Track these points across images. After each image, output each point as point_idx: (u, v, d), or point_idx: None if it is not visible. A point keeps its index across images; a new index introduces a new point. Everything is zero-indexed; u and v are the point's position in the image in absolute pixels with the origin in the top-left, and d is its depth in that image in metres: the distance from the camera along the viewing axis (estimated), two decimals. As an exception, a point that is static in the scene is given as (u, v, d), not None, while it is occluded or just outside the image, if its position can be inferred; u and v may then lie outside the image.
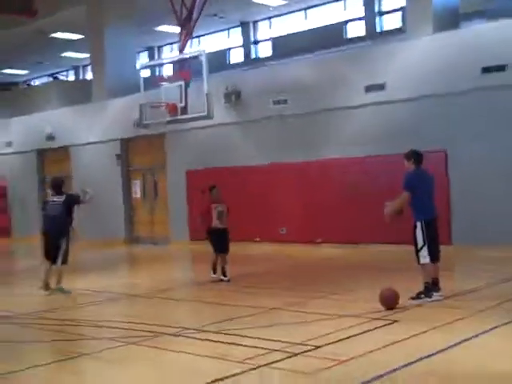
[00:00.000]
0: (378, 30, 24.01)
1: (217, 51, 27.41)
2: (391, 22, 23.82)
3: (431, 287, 9.17)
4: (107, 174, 22.12)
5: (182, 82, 13.94)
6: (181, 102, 13.97)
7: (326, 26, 25.13)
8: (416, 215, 9.24)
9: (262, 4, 24.76)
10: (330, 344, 6.95)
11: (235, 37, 28.18)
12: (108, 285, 12.23)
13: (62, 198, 11.09)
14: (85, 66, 33.06)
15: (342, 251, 15.63)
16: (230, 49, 28.36)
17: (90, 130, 22.40)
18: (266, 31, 27.52)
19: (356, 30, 24.72)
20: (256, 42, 27.65)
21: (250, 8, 25.47)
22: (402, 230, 14.57)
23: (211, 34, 27.99)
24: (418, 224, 9.20)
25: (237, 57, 28.23)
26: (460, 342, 6.75)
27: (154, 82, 17.11)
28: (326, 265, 14.20)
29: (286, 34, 26.52)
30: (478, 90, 14.00)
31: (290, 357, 6.54)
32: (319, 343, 6.97)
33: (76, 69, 34.32)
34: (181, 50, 15.29)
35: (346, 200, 16.19)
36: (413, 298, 9.06)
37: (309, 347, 6.83)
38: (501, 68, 13.66)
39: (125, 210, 21.89)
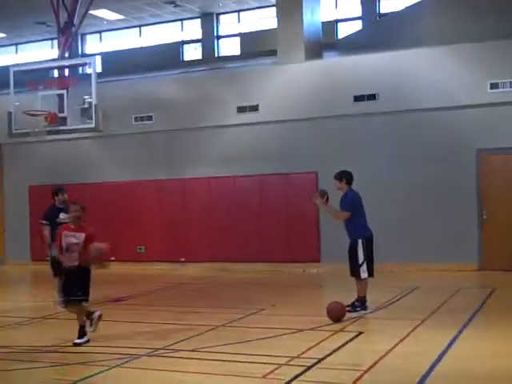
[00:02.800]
0: (216, 54, 24.46)
1: (41, 61, 25.83)
2: (229, 46, 24.45)
3: (364, 300, 9.66)
4: None
5: (64, 91, 13.07)
6: (61, 111, 13.08)
7: (162, 45, 25.02)
8: (357, 233, 9.61)
9: (97, 16, 24.00)
10: (329, 356, 7.02)
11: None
12: None
13: None
14: None
15: (212, 270, 15.61)
16: (54, 60, 26.87)
17: None
18: (96, 45, 26.67)
19: (193, 52, 24.96)
20: (84, 56, 26.60)
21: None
22: (264, 249, 15.36)
23: (34, 42, 26.47)
24: (359, 241, 9.56)
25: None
26: (448, 348, 7.22)
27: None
28: (212, 283, 14.15)
29: (117, 49, 25.88)
30: (350, 116, 14.97)
31: (306, 370, 6.49)
32: (317, 355, 7.01)
33: None
34: (61, 57, 14.30)
35: (210, 219, 16.25)
36: (349, 311, 9.42)
37: (312, 360, 6.84)
38: (372, 97, 14.76)
39: None
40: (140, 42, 25.74)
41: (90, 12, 23.21)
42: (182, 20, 24.99)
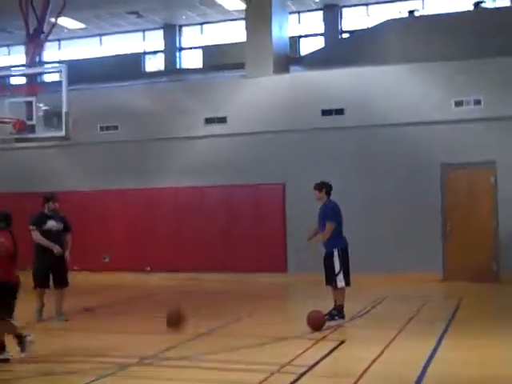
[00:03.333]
0: (178, 66, 24.50)
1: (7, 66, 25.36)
2: (191, 59, 24.53)
3: (342, 309, 9.81)
4: None
5: (34, 98, 12.90)
6: (30, 119, 12.88)
7: (123, 55, 24.91)
8: (333, 244, 9.76)
9: (57, 24, 23.74)
10: (318, 364, 7.14)
11: (19, 56, 26.47)
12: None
13: None
14: None
15: (178, 279, 15.55)
16: (11, 67, 26.46)
17: None
18: (55, 53, 26.36)
19: (154, 63, 24.93)
20: (41, 63, 26.21)
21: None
22: (231, 259, 15.43)
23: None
24: (335, 251, 9.72)
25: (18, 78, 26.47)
26: (432, 356, 7.43)
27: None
28: (181, 292, 14.09)
29: (77, 58, 25.64)
30: (318, 129, 15.21)
31: (300, 377, 6.60)
32: (307, 363, 7.11)
33: None
34: (30, 64, 14.10)
35: (177, 229, 16.23)
36: (328, 320, 9.56)
37: (303, 367, 6.93)
38: (339, 111, 15.06)
39: None
40: (100, 52, 25.56)
41: (51, 19, 23.10)
42: (144, 31, 24.97)
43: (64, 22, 23.71)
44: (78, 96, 17.27)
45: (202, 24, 24.31)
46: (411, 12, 16.97)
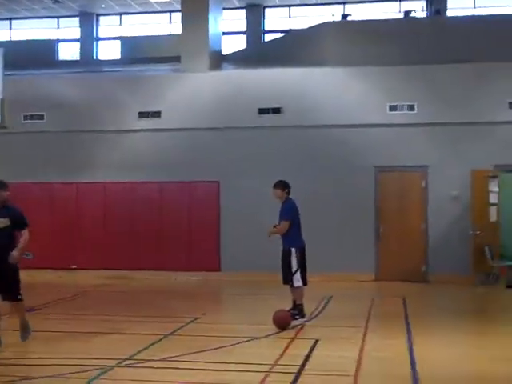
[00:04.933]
0: (95, 56, 23.68)
1: None
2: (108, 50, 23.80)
3: (302, 308, 9.81)
4: None
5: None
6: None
7: (35, 41, 23.75)
8: (291, 242, 9.68)
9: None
10: (306, 363, 7.10)
11: None
12: None
13: None
14: None
15: (107, 277, 15.03)
16: None
17: None
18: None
19: (70, 52, 23.97)
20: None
21: None
22: (162, 257, 15.15)
23: None
24: (293, 250, 9.66)
25: None
26: (410, 352, 7.58)
27: None
28: (120, 291, 13.70)
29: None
30: (254, 128, 15.17)
31: (297, 376, 6.55)
32: (294, 363, 7.06)
33: None
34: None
35: (105, 225, 15.69)
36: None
37: (293, 367, 6.88)
38: (276, 110, 15.09)
39: None
40: (9, 36, 24.26)
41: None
42: (58, 17, 23.94)
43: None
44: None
45: (120, 14, 23.64)
46: (344, 16, 17.25)
